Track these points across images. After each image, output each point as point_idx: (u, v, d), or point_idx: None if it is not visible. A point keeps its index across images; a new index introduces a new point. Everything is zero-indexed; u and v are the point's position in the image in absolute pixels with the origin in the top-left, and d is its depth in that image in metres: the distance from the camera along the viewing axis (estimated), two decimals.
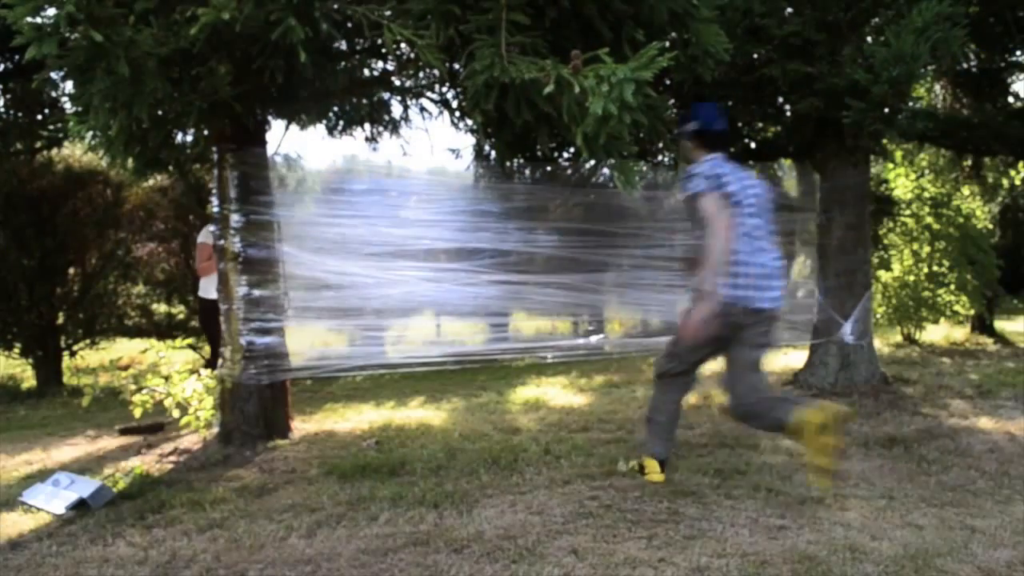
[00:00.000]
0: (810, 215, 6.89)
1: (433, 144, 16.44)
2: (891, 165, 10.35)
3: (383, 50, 5.25)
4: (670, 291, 6.63)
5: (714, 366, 4.13)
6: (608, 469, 4.28)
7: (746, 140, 7.21)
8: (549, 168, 7.00)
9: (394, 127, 7.03)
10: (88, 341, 10.63)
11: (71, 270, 10.27)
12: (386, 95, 6.67)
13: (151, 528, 3.62)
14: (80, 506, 3.94)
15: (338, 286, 5.72)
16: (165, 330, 10.59)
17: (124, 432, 6.04)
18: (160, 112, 4.32)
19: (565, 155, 7.32)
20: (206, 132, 5.19)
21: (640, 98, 3.07)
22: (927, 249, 10.31)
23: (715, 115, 3.80)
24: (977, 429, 5.20)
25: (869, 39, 5.83)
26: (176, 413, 5.51)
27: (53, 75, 4.19)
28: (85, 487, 4.04)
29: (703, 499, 3.77)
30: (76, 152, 9.92)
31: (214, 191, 5.20)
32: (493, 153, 7.35)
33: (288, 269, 5.40)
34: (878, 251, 9.77)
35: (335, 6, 3.78)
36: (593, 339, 7.43)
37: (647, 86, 3.16)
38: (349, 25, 4.12)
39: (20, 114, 8.63)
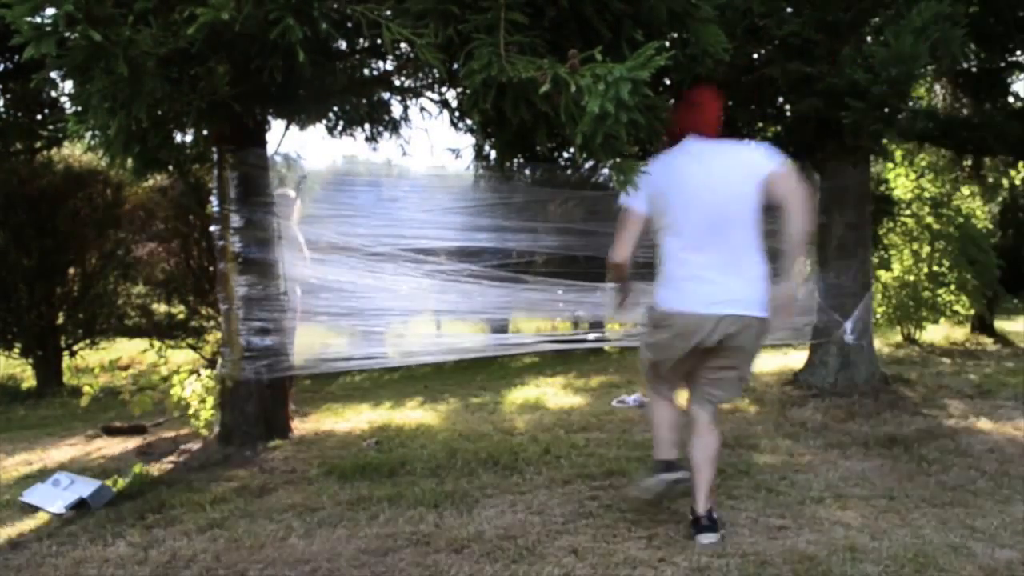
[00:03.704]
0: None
1: (433, 144, 16.47)
2: (891, 165, 10.34)
3: (382, 50, 5.25)
4: None
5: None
6: (608, 468, 4.28)
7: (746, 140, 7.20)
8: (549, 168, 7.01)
9: (394, 127, 7.02)
10: (88, 341, 10.63)
11: (71, 270, 10.27)
12: (386, 95, 6.66)
13: (151, 528, 3.62)
14: (80, 506, 3.94)
15: (338, 285, 5.72)
16: (165, 330, 10.60)
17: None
18: (159, 112, 4.31)
19: (565, 155, 7.32)
20: (206, 132, 5.19)
21: (637, 97, 3.06)
22: (927, 249, 10.30)
23: None
24: (977, 429, 5.20)
25: (869, 39, 5.82)
26: (176, 413, 5.51)
27: (52, 75, 4.18)
28: (85, 487, 4.04)
29: None
30: (76, 152, 9.92)
31: (214, 191, 5.20)
32: (493, 153, 7.35)
33: (287, 269, 5.40)
34: (878, 251, 9.75)
35: (334, 5, 3.78)
36: (592, 335, 7.45)
37: (644, 85, 3.15)
38: (348, 25, 4.12)
39: (20, 114, 8.62)
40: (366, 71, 6.00)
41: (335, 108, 6.41)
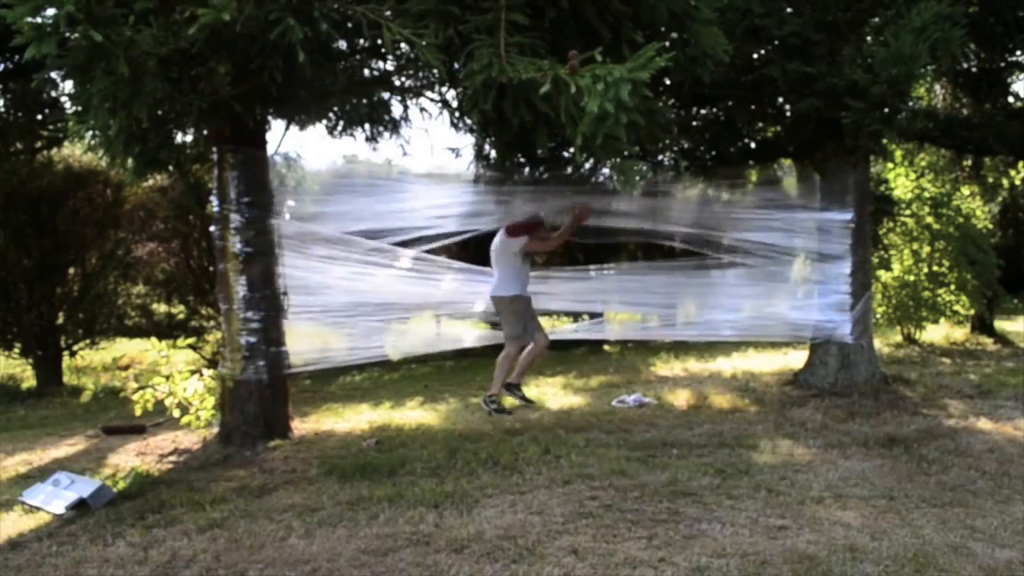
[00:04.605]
0: (810, 215, 6.87)
1: (433, 144, 16.49)
2: (891, 165, 10.33)
3: (383, 50, 5.25)
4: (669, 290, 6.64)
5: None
6: (608, 468, 4.28)
7: (746, 140, 7.20)
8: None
9: (394, 127, 7.02)
10: (88, 341, 10.63)
11: (71, 270, 10.27)
12: (386, 95, 6.66)
13: (151, 528, 3.62)
14: (80, 506, 3.94)
15: (338, 284, 5.72)
16: (165, 330, 10.59)
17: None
18: (160, 112, 4.32)
19: (565, 155, 7.30)
20: (206, 132, 5.19)
21: (637, 98, 3.07)
22: (927, 249, 10.29)
23: None
24: (977, 429, 5.20)
25: (868, 39, 5.82)
26: (177, 413, 5.51)
27: (53, 75, 4.19)
28: (85, 487, 4.04)
29: (703, 499, 3.77)
30: (76, 152, 9.92)
31: (214, 191, 5.20)
32: (493, 153, 7.34)
33: (287, 268, 5.40)
34: (878, 251, 9.74)
35: (334, 6, 3.78)
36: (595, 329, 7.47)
37: (644, 87, 3.16)
38: (349, 25, 4.12)
39: (20, 114, 8.63)
40: (366, 71, 6.00)
41: (335, 108, 6.41)
